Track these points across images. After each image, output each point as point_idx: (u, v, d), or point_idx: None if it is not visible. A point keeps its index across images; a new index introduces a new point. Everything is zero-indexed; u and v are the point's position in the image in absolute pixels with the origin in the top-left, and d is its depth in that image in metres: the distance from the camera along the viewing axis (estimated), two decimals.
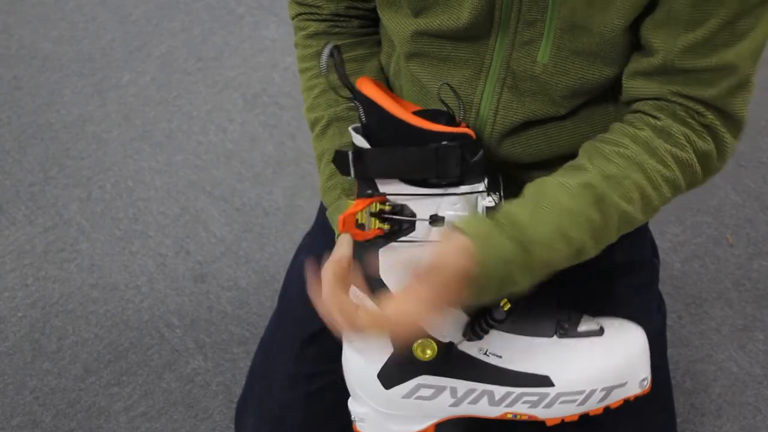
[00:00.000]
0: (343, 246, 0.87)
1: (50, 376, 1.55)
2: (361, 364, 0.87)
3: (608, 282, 1.06)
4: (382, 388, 0.86)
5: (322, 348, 0.99)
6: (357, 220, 0.84)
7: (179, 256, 1.74)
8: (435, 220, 0.82)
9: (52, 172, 1.90)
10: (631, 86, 0.90)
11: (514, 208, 0.82)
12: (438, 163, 0.80)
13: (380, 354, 0.86)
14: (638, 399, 0.92)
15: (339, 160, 0.85)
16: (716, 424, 1.50)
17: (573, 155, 0.99)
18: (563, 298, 1.06)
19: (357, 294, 0.85)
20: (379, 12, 0.97)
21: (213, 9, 2.32)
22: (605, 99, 0.96)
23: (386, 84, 1.05)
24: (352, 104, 0.89)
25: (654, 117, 0.88)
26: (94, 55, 2.19)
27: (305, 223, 1.77)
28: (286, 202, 1.85)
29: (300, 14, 1.05)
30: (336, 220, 0.94)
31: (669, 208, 1.85)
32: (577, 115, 0.96)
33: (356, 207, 0.83)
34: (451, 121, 0.86)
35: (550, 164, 1.01)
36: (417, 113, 0.83)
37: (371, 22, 1.05)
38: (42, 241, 1.76)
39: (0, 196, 1.85)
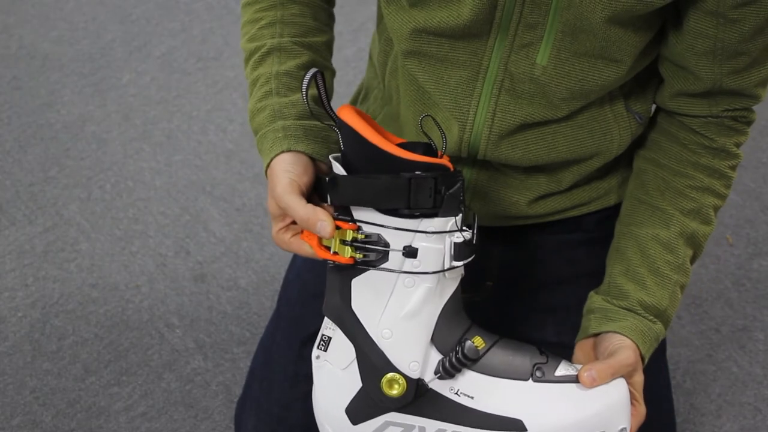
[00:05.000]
0: (300, 207, 0.83)
1: (50, 376, 1.55)
2: (330, 397, 0.86)
3: None
4: (350, 423, 0.84)
5: None
6: (327, 246, 0.83)
7: (179, 256, 1.74)
8: (409, 251, 0.80)
9: (52, 172, 1.90)
10: (676, 104, 0.97)
11: (640, 292, 0.94)
12: (410, 193, 0.78)
13: (349, 388, 0.84)
14: None
15: (318, 185, 0.87)
16: (716, 424, 1.50)
17: (572, 161, 1.00)
18: (561, 300, 1.06)
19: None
20: (383, 8, 0.97)
21: (213, 9, 2.32)
22: (602, 105, 0.96)
23: (383, 87, 1.05)
24: (301, 42, 0.93)
25: (707, 137, 0.96)
26: (94, 55, 2.19)
27: None
28: None
29: None
30: (265, 149, 0.90)
31: None
32: (575, 121, 0.96)
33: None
34: (429, 152, 0.84)
35: (549, 168, 1.01)
36: (400, 145, 0.82)
37: None
38: (42, 241, 1.76)
39: (0, 196, 1.85)
